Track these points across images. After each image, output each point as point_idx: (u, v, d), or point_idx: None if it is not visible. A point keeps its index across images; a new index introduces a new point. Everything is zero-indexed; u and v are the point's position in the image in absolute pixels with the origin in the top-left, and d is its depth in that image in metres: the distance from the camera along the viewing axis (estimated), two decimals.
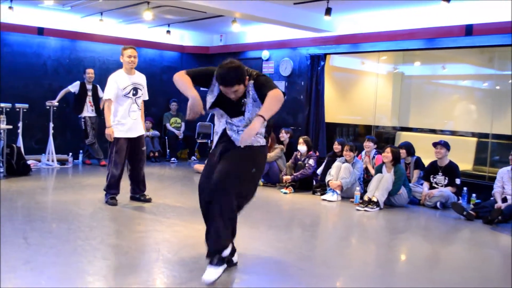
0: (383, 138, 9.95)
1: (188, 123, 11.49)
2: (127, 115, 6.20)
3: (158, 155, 10.84)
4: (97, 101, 9.78)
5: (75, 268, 3.87)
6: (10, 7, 8.75)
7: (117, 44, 10.79)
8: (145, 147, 6.52)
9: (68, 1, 8.71)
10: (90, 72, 9.74)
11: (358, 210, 6.78)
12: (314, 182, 8.11)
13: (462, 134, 9.02)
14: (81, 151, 10.01)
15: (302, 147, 8.11)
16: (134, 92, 6.25)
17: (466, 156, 8.60)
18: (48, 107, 9.40)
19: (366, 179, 7.71)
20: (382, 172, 7.23)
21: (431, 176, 7.38)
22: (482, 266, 4.67)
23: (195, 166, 9.76)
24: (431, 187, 7.35)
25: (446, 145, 7.27)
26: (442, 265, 4.73)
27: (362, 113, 10.27)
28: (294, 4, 8.24)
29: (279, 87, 3.96)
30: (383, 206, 6.90)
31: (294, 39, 10.09)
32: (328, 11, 7.75)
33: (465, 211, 6.44)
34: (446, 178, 7.24)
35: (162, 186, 7.94)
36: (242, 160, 3.77)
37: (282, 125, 9.75)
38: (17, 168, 8.15)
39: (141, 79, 6.40)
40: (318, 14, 8.48)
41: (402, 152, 7.58)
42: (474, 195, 7.35)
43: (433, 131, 9.42)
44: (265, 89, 3.61)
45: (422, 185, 7.48)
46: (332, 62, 10.20)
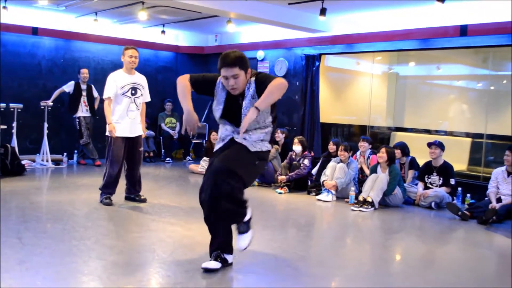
0: (378, 138, 9.97)
1: (182, 123, 11.46)
2: (125, 115, 6.19)
3: (153, 155, 10.84)
4: (91, 101, 9.77)
5: (70, 268, 3.86)
6: (4, 7, 8.72)
7: (111, 44, 10.79)
8: (142, 148, 6.53)
9: (62, 1, 8.68)
10: (84, 72, 9.72)
11: (353, 210, 6.79)
12: (309, 182, 8.11)
13: (456, 135, 9.06)
14: (75, 151, 9.98)
15: (297, 147, 8.11)
16: (133, 91, 6.24)
17: (460, 156, 8.63)
18: (42, 107, 9.36)
19: (361, 179, 7.72)
20: (377, 172, 7.24)
21: (426, 176, 7.40)
22: (477, 266, 4.69)
23: (190, 166, 9.76)
24: (426, 187, 7.37)
25: (440, 145, 7.29)
26: (436, 265, 4.75)
27: (357, 113, 10.29)
28: (289, 4, 8.24)
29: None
30: (378, 206, 6.91)
31: (289, 39, 10.09)
32: (323, 11, 7.76)
33: (460, 211, 6.46)
34: (441, 178, 7.26)
35: (157, 186, 7.93)
36: (245, 151, 3.78)
37: (277, 125, 9.72)
38: (11, 168, 8.12)
39: (141, 80, 6.39)
40: (313, 14, 8.48)
41: (397, 152, 7.60)
42: (468, 195, 7.37)
43: (428, 131, 9.45)
44: (266, 83, 3.68)
45: (416, 185, 7.50)
46: (327, 62, 10.21)
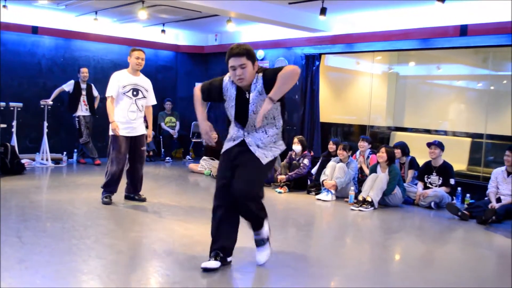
0: (378, 138, 9.97)
1: (182, 122, 11.48)
2: (125, 115, 6.18)
3: (152, 155, 10.83)
4: (91, 100, 9.77)
5: (70, 267, 3.86)
6: (4, 6, 8.71)
7: (111, 43, 10.78)
8: (144, 147, 6.48)
9: (62, 0, 8.68)
10: (84, 71, 9.72)
11: (352, 209, 6.79)
12: (309, 182, 8.11)
13: (456, 134, 9.06)
14: (75, 150, 9.98)
15: (296, 147, 8.11)
16: (135, 92, 6.23)
17: (460, 156, 8.63)
18: (42, 106, 9.36)
19: (360, 179, 7.72)
20: (376, 172, 7.24)
21: (425, 176, 7.40)
22: (476, 266, 4.69)
23: (190, 166, 9.76)
24: (425, 187, 7.37)
25: (440, 145, 7.29)
26: (436, 264, 4.75)
27: (357, 113, 10.29)
28: (289, 4, 8.24)
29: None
30: (378, 206, 6.91)
31: (289, 39, 10.09)
32: (323, 11, 7.76)
33: (459, 212, 6.46)
34: (440, 178, 7.26)
35: (157, 185, 7.93)
36: (259, 165, 3.87)
37: None
38: (11, 167, 8.13)
39: (144, 82, 6.38)
40: (313, 14, 8.48)
41: (397, 152, 7.60)
42: (468, 195, 7.37)
43: (427, 131, 9.45)
44: (275, 75, 3.67)
45: (416, 185, 7.50)
46: (327, 62, 10.21)
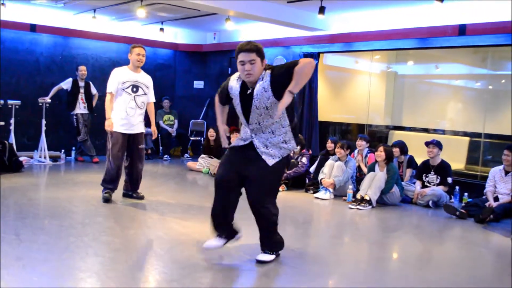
0: (376, 137, 9.97)
1: (180, 121, 11.48)
2: (124, 111, 6.15)
3: (151, 152, 10.83)
4: (89, 98, 9.76)
5: (67, 264, 3.86)
6: (3, 4, 8.70)
7: (110, 41, 10.77)
8: (143, 146, 6.43)
9: None
10: (82, 69, 9.70)
11: (350, 208, 6.79)
12: (307, 180, 8.12)
13: (454, 134, 9.06)
14: (73, 148, 9.98)
15: None
16: (134, 89, 6.20)
17: (458, 155, 8.64)
18: (40, 104, 9.35)
19: (358, 178, 7.72)
20: (374, 170, 7.24)
21: (423, 175, 7.41)
22: (474, 265, 4.69)
23: (188, 164, 9.75)
24: (424, 186, 7.37)
25: (438, 144, 7.30)
26: (434, 263, 4.75)
27: (355, 112, 10.30)
28: (288, 2, 8.24)
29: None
30: (376, 205, 6.91)
31: (288, 38, 10.09)
32: (321, 10, 7.75)
33: (457, 211, 6.46)
34: (438, 177, 7.26)
35: (155, 183, 7.92)
36: (269, 171, 3.95)
37: None
38: (9, 164, 8.11)
39: (145, 79, 6.35)
40: (312, 12, 8.48)
41: (395, 150, 7.60)
42: (466, 194, 7.39)
43: (426, 130, 9.46)
44: (289, 69, 3.72)
45: (414, 184, 7.50)
46: (325, 60, 10.21)
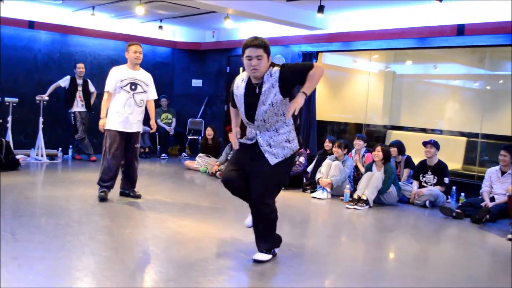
0: (374, 136, 9.97)
1: (179, 119, 11.47)
2: (121, 109, 6.13)
3: (148, 151, 10.82)
4: (87, 96, 9.74)
5: (64, 263, 3.85)
6: (1, 0, 8.67)
7: (108, 39, 10.75)
8: (138, 145, 6.42)
9: None
10: (80, 66, 9.68)
11: (347, 208, 6.80)
12: (304, 180, 8.12)
13: (452, 134, 9.07)
14: (71, 146, 9.96)
15: None
16: (133, 87, 6.19)
17: (455, 155, 8.65)
18: (38, 102, 9.31)
19: (356, 177, 7.73)
20: (372, 170, 7.25)
21: (421, 175, 7.41)
22: (470, 265, 4.70)
23: (186, 163, 9.74)
24: (421, 186, 7.38)
25: (435, 144, 7.30)
26: (430, 263, 4.76)
27: (353, 111, 10.29)
28: (287, 1, 8.23)
29: None
30: (373, 205, 6.92)
31: (287, 36, 10.08)
32: (320, 9, 7.75)
33: (454, 213, 6.46)
34: (435, 177, 7.27)
35: (153, 182, 7.92)
36: (272, 171, 3.96)
37: None
38: (6, 162, 8.09)
39: (144, 77, 6.33)
40: (311, 11, 8.48)
41: (393, 150, 7.61)
42: (463, 194, 7.40)
43: (423, 130, 9.46)
44: (300, 71, 3.92)
45: (411, 183, 7.51)
46: (324, 60, 10.21)
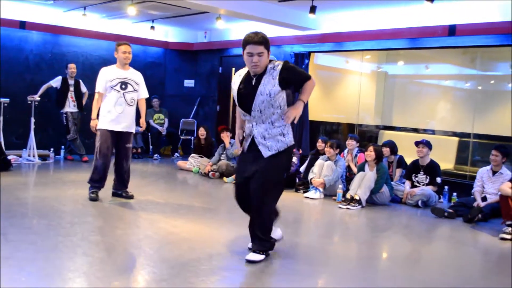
0: (366, 136, 9.99)
1: (171, 119, 11.44)
2: (112, 108, 6.14)
3: (141, 151, 10.79)
4: (79, 96, 9.70)
5: (55, 264, 3.83)
6: None
7: (100, 39, 10.71)
8: (130, 145, 6.41)
9: None
10: (72, 67, 9.63)
11: (340, 208, 6.81)
12: (297, 180, 8.13)
13: (444, 134, 9.10)
14: (62, 147, 9.91)
15: None
16: (123, 86, 6.19)
17: (447, 155, 8.68)
18: (29, 102, 9.26)
19: (348, 177, 7.74)
20: (364, 170, 7.26)
21: (413, 175, 7.44)
22: (462, 264, 4.72)
23: (178, 163, 9.72)
24: (413, 186, 7.41)
25: (428, 144, 7.33)
26: (422, 263, 4.78)
27: (345, 111, 10.31)
28: (279, 1, 8.24)
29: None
30: (365, 204, 6.93)
31: (279, 37, 10.08)
32: (312, 9, 7.76)
33: (445, 213, 6.49)
34: (428, 177, 7.30)
35: (145, 182, 7.90)
36: (276, 166, 4.04)
37: None
38: None
39: (134, 75, 6.36)
40: (303, 12, 8.49)
41: (385, 150, 7.63)
42: (455, 194, 7.43)
43: (415, 130, 9.49)
44: (299, 75, 4.06)
45: (404, 183, 7.53)
46: (316, 60, 10.22)
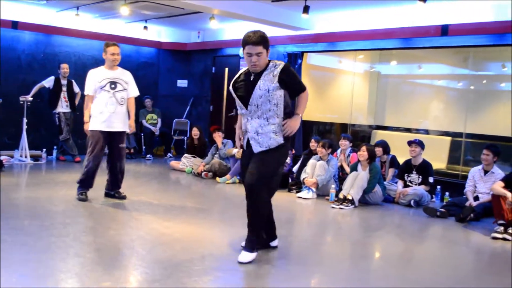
0: (359, 136, 10.02)
1: (164, 120, 11.43)
2: (104, 108, 6.12)
3: (133, 152, 10.76)
4: (72, 96, 9.66)
5: (48, 265, 3.82)
6: None
7: (93, 39, 10.68)
8: (123, 145, 6.40)
9: None
10: (64, 67, 9.60)
11: (333, 207, 6.82)
12: (290, 180, 8.13)
13: (436, 133, 9.14)
14: (55, 147, 9.88)
15: None
16: (113, 86, 6.18)
17: (440, 155, 8.72)
18: (22, 102, 9.22)
19: (341, 177, 7.75)
20: (357, 170, 7.28)
21: (405, 174, 7.46)
22: (455, 264, 4.74)
23: (171, 163, 9.71)
24: (405, 186, 7.43)
25: (420, 143, 7.36)
26: (415, 262, 4.80)
27: (338, 111, 10.33)
28: (272, 1, 8.25)
29: None
30: (358, 204, 6.95)
31: (272, 37, 9.95)
32: (306, 9, 7.78)
33: (438, 212, 6.52)
34: (420, 176, 7.33)
35: (138, 183, 7.88)
36: (267, 161, 4.09)
37: None
38: None
39: (123, 75, 6.35)
40: (296, 12, 8.50)
41: (378, 150, 7.65)
42: (447, 194, 7.46)
43: (408, 130, 9.52)
44: (297, 84, 4.08)
45: (396, 183, 7.56)
46: (309, 60, 10.24)
